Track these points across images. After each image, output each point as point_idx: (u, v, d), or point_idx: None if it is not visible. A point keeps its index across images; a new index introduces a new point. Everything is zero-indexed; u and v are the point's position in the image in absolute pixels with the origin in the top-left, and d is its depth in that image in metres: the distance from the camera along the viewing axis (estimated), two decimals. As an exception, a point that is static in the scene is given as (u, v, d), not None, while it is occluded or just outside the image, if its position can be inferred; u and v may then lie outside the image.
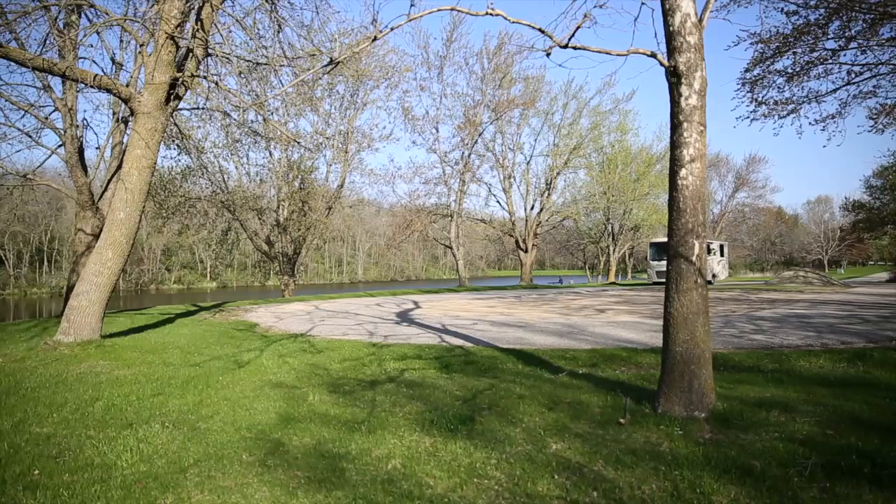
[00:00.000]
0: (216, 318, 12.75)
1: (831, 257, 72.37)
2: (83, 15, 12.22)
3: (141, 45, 9.73)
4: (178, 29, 8.75)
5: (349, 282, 78.29)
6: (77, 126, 13.48)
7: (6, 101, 12.37)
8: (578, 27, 4.58)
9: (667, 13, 4.30)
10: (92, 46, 20.32)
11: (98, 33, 11.44)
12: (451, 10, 4.93)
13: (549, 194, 34.53)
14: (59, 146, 13.74)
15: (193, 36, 9.05)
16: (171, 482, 3.18)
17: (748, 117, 13.26)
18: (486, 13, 4.74)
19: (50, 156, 19.84)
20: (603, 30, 42.89)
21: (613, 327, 9.79)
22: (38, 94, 13.22)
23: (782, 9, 11.20)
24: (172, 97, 9.12)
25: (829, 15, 11.03)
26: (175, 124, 14.51)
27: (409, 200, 31.05)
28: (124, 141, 13.90)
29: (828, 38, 11.64)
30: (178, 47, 8.92)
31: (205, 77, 9.60)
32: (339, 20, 35.04)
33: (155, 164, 9.32)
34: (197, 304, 17.96)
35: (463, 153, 31.01)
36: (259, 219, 24.15)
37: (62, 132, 13.34)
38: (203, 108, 14.37)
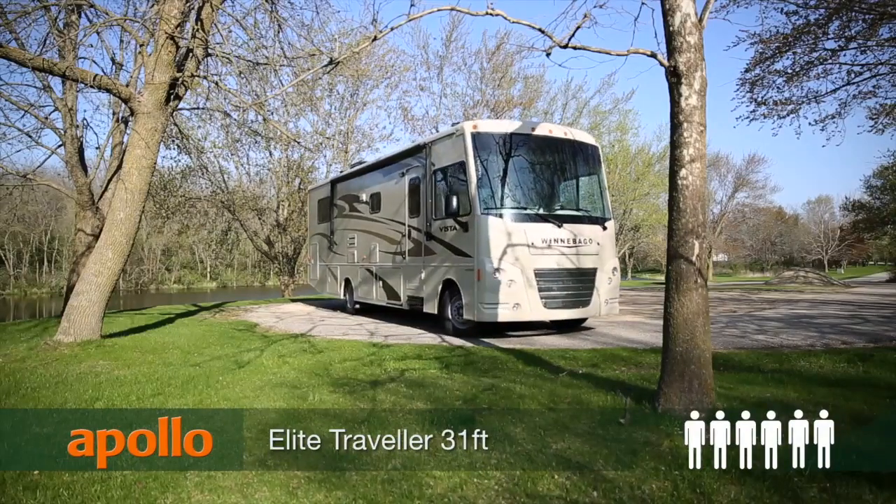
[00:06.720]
0: (216, 318, 12.75)
1: (831, 257, 72.21)
2: (83, 15, 12.19)
3: (141, 45, 9.72)
4: (178, 29, 8.74)
5: (349, 282, 77.92)
6: (77, 126, 13.45)
7: (6, 101, 12.31)
8: (578, 27, 4.59)
9: (667, 13, 4.29)
10: (92, 46, 20.29)
11: (98, 33, 11.41)
12: (451, 10, 4.93)
13: (549, 194, 34.49)
14: (59, 146, 13.70)
15: (193, 36, 9.04)
16: (171, 482, 3.18)
17: (748, 117, 13.24)
18: (486, 13, 4.74)
19: (50, 156, 19.86)
20: (603, 30, 42.80)
21: (614, 327, 9.79)
22: (38, 94, 13.16)
23: (782, 9, 11.19)
24: (172, 97, 9.10)
25: (829, 15, 11.02)
26: (175, 124, 14.48)
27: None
28: (124, 141, 13.86)
29: (828, 38, 11.63)
30: (178, 47, 8.91)
31: (205, 77, 9.59)
32: (339, 20, 34.93)
33: (155, 164, 9.31)
34: (197, 304, 17.94)
35: (463, 153, 30.93)
36: (259, 219, 24.12)
37: (62, 132, 13.32)
38: (203, 108, 14.34)
